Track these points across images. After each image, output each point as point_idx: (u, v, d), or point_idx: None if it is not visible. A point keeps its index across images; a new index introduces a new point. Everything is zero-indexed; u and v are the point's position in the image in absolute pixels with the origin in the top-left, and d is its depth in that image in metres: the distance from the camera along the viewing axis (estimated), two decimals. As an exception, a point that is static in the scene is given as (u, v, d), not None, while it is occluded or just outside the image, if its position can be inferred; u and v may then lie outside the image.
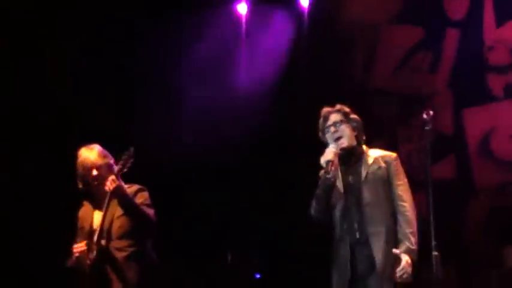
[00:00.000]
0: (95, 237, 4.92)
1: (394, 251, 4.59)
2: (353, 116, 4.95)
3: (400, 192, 4.77)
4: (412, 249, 4.62)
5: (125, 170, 4.93)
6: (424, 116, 4.73)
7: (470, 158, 7.76)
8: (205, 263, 7.62)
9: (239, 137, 7.82)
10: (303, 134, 7.95)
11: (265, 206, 7.86)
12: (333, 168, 4.67)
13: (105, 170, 5.02)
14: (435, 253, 4.49)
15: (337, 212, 4.79)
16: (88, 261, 4.92)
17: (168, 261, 7.20)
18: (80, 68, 7.58)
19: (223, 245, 7.54)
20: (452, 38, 7.98)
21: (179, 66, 7.84)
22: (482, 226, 7.51)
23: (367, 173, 4.78)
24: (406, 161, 7.54)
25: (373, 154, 4.89)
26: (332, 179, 4.72)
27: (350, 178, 4.82)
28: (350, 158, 4.84)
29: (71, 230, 5.24)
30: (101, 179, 5.00)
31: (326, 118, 4.90)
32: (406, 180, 4.84)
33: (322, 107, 4.98)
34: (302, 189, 7.09)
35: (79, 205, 5.27)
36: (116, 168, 4.95)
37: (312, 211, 4.82)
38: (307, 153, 7.91)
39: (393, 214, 4.68)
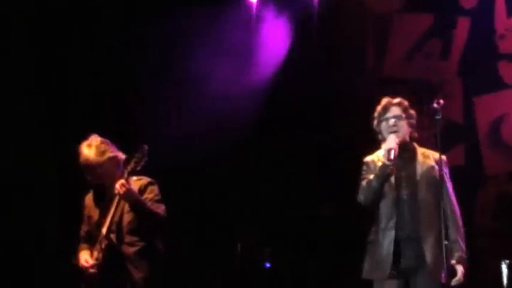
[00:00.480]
0: (104, 230, 4.89)
1: (452, 262, 4.66)
2: (411, 111, 4.98)
3: (451, 198, 4.84)
4: (465, 259, 4.75)
5: (138, 168, 4.92)
6: (435, 105, 4.76)
7: (480, 146, 7.77)
8: (214, 253, 7.65)
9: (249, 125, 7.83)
10: (315, 123, 8.04)
11: (273, 196, 7.88)
12: (393, 156, 4.69)
13: (108, 165, 4.99)
14: (445, 242, 4.54)
15: (386, 204, 4.79)
16: (95, 261, 4.92)
17: (178, 253, 7.30)
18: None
19: (233, 235, 7.56)
20: (463, 26, 7.97)
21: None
22: (491, 214, 7.54)
23: (421, 171, 4.82)
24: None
25: (425, 152, 4.94)
26: (391, 168, 4.74)
27: (403, 173, 4.84)
28: (403, 153, 4.85)
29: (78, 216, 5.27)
30: (106, 175, 5.00)
31: (386, 109, 4.92)
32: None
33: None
34: (311, 179, 7.15)
35: (85, 192, 5.28)
36: (129, 166, 4.89)
37: (362, 197, 4.82)
38: (319, 141, 8.05)
39: (442, 216, 4.65)
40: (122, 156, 5.02)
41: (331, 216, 7.50)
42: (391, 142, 4.75)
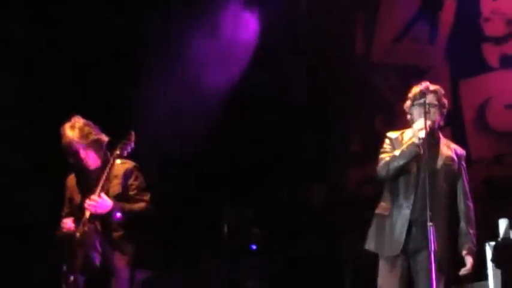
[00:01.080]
0: (87, 214, 4.86)
1: (463, 253, 4.82)
2: (444, 101, 5.05)
3: (467, 190, 5.01)
4: (474, 251, 4.89)
5: (125, 154, 4.92)
6: (422, 88, 4.79)
7: (466, 129, 7.80)
8: (201, 235, 7.67)
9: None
10: (303, 104, 8.07)
11: (262, 178, 7.90)
12: (424, 136, 4.74)
13: (91, 147, 4.98)
14: (430, 224, 4.58)
15: (405, 184, 4.86)
16: (78, 234, 4.88)
17: (164, 234, 7.30)
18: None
19: (219, 217, 7.57)
20: (449, 9, 7.98)
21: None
22: (477, 196, 7.56)
23: (442, 161, 4.90)
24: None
25: (448, 144, 5.03)
26: (419, 147, 4.78)
27: (424, 159, 4.87)
28: (429, 139, 4.88)
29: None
30: (89, 157, 4.99)
31: (424, 94, 4.92)
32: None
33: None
34: (301, 161, 7.16)
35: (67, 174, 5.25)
36: (115, 152, 4.92)
37: (383, 172, 4.86)
38: (308, 124, 8.07)
39: (455, 207, 4.86)
40: (105, 138, 5.01)
41: (318, 200, 7.54)
42: (423, 123, 4.79)
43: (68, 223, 4.96)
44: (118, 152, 4.90)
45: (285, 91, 8.08)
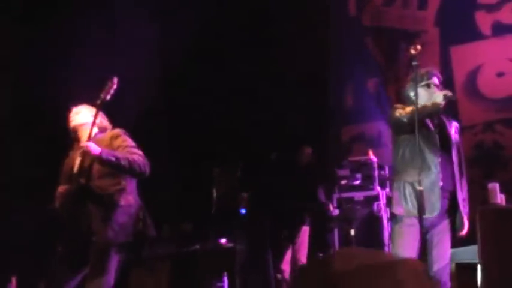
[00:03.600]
0: (75, 168, 4.92)
1: (463, 215, 4.93)
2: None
3: (463, 159, 5.11)
4: (467, 213, 5.01)
5: (108, 97, 4.95)
6: (412, 51, 4.76)
7: (456, 95, 7.79)
8: (189, 197, 7.67)
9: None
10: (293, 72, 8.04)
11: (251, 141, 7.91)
12: (448, 98, 4.80)
13: (86, 114, 5.05)
14: (420, 188, 4.58)
15: (428, 150, 4.90)
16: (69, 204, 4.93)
17: (152, 199, 7.29)
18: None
19: (208, 181, 7.56)
20: (442, -26, 7.95)
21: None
22: (467, 162, 7.58)
23: (455, 139, 5.04)
24: (395, 99, 7.64)
25: (448, 118, 5.10)
26: (442, 108, 4.82)
27: (436, 132, 4.98)
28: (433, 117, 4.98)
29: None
30: (76, 116, 5.07)
31: (431, 75, 5.01)
32: None
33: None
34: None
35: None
36: (99, 99, 4.94)
37: (405, 117, 4.85)
38: (301, 85, 8.07)
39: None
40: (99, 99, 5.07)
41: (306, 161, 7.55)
42: (442, 95, 4.84)
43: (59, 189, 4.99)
44: (102, 97, 4.93)
45: (278, 53, 8.05)
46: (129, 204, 5.03)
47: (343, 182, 7.23)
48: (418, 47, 4.77)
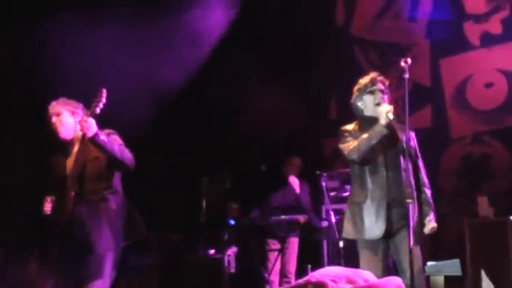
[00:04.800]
0: (68, 183, 4.91)
1: (431, 222, 4.95)
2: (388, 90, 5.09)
3: (421, 165, 5.06)
4: (435, 215, 5.00)
5: (97, 111, 4.94)
6: (402, 63, 4.78)
7: (446, 108, 7.83)
8: (178, 207, 7.65)
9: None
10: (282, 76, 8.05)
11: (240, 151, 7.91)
12: (392, 116, 4.81)
13: (67, 115, 5.05)
14: (409, 200, 4.60)
15: (374, 168, 4.92)
16: (62, 215, 4.89)
17: (140, 208, 7.27)
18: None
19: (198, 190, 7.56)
20: (430, -15, 7.98)
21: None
22: (456, 174, 7.62)
23: (404, 142, 4.93)
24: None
25: (400, 126, 5.02)
26: (387, 130, 4.84)
27: (386, 141, 4.93)
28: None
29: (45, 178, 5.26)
30: (63, 126, 5.04)
31: (374, 82, 5.03)
32: None
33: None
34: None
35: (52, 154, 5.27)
36: (89, 111, 4.93)
37: (355, 153, 4.89)
38: (287, 96, 8.07)
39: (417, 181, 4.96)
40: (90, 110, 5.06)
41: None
42: (388, 107, 4.88)
43: (48, 205, 4.98)
44: (91, 110, 4.92)
45: (263, 64, 8.06)
46: (120, 207, 5.05)
47: (332, 193, 7.23)
48: (409, 60, 4.80)
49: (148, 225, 7.45)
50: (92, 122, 4.84)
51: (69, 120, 5.08)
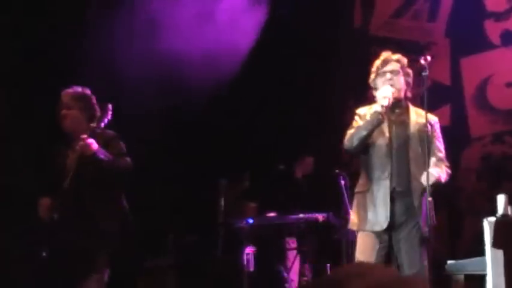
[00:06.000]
0: (67, 182, 4.91)
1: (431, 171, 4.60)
2: (408, 70, 4.97)
3: (438, 144, 4.87)
4: (444, 172, 4.74)
5: (101, 126, 4.97)
6: (422, 61, 4.76)
7: (466, 107, 7.78)
8: (195, 207, 7.66)
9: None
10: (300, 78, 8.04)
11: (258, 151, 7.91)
12: (387, 104, 4.69)
13: (77, 111, 5.04)
14: (429, 199, 4.56)
15: (379, 155, 4.79)
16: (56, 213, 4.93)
17: (160, 209, 7.28)
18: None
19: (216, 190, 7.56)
20: (451, -16, 7.93)
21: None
22: (475, 173, 7.58)
23: (413, 127, 4.81)
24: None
25: (417, 110, 4.92)
26: (383, 115, 4.72)
27: (395, 127, 4.83)
28: (396, 108, 4.86)
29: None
30: (70, 119, 5.04)
31: (386, 63, 4.90)
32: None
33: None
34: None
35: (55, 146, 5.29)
36: (92, 124, 4.98)
37: (348, 142, 4.81)
38: (304, 96, 8.07)
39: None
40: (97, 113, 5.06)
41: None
42: (387, 90, 4.74)
43: (44, 205, 4.99)
44: (97, 123, 4.97)
45: (282, 65, 8.04)
46: (118, 209, 5.05)
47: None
48: (428, 57, 4.76)
49: (166, 226, 7.52)
50: (91, 142, 4.84)
51: (79, 116, 5.08)
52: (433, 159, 4.73)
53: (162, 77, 7.36)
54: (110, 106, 5.01)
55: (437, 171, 4.70)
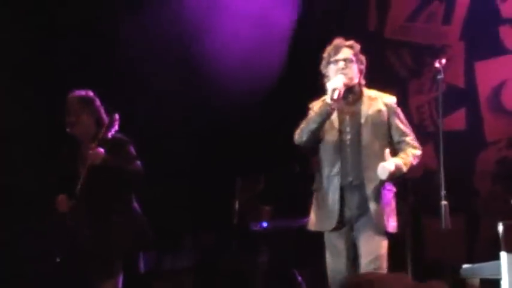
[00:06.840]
0: (78, 187, 4.98)
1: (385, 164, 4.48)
2: (362, 57, 4.86)
3: (401, 127, 4.72)
4: (402, 164, 4.58)
5: (108, 136, 5.00)
6: (437, 64, 4.76)
7: (481, 111, 7.75)
8: (211, 208, 7.69)
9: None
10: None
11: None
12: (337, 96, 4.56)
13: (86, 117, 5.10)
14: (444, 203, 4.55)
15: (328, 150, 4.69)
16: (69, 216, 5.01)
17: (172, 210, 7.29)
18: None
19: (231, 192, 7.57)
20: (465, -11, 7.92)
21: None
22: (491, 177, 7.55)
23: (367, 115, 4.69)
24: (416, 113, 7.60)
25: (373, 95, 4.80)
26: (332, 107, 4.60)
27: (346, 117, 4.72)
28: (348, 96, 4.74)
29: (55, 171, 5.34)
30: (79, 125, 5.11)
31: (337, 50, 4.77)
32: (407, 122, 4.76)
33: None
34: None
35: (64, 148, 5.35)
36: (99, 134, 5.03)
37: (297, 136, 4.71)
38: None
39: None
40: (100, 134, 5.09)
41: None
42: (337, 82, 4.62)
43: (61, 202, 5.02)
44: (102, 134, 5.01)
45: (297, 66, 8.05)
46: (130, 211, 5.09)
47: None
48: (443, 60, 4.76)
49: (182, 227, 7.53)
50: (99, 151, 4.86)
51: (87, 121, 5.12)
52: (387, 150, 4.56)
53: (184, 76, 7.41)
54: (116, 116, 5.04)
55: (395, 162, 4.55)
